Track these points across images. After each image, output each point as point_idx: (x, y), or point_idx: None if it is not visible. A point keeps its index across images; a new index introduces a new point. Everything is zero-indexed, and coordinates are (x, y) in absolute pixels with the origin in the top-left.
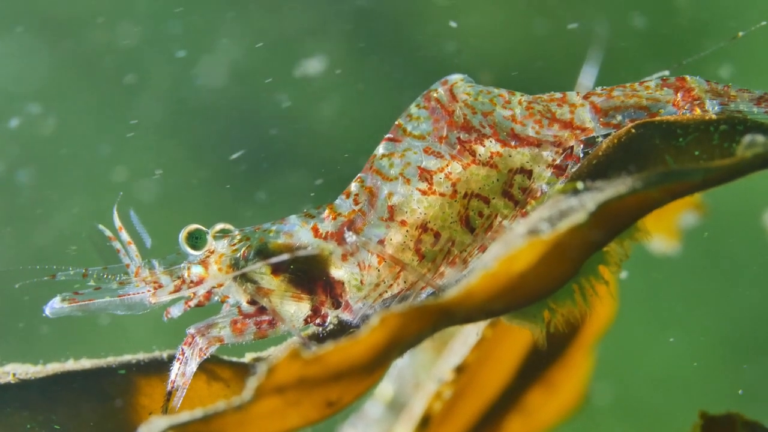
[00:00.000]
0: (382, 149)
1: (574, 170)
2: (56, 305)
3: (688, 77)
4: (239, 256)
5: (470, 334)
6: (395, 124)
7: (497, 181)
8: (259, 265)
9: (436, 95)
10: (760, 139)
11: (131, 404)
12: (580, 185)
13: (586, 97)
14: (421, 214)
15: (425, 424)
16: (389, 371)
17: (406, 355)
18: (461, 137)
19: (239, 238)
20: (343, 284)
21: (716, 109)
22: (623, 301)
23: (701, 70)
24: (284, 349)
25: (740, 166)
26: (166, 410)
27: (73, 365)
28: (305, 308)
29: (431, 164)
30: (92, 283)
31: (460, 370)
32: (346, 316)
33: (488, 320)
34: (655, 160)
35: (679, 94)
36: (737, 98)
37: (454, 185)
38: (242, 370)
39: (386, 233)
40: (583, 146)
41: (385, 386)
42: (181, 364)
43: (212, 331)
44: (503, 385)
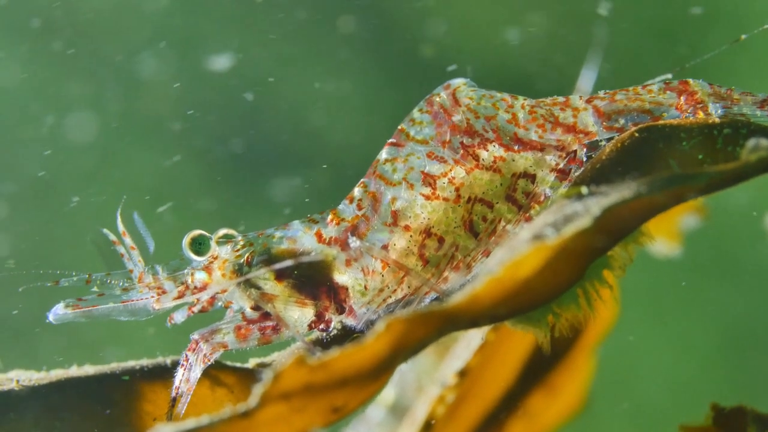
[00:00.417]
0: (385, 154)
1: (577, 174)
2: (60, 311)
3: (691, 80)
4: (243, 261)
5: (473, 338)
6: (398, 128)
7: (501, 185)
8: (262, 271)
9: (438, 99)
10: (764, 142)
11: (135, 411)
12: (584, 190)
13: (588, 100)
14: (424, 219)
15: (428, 428)
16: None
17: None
18: (464, 142)
19: (242, 243)
20: (347, 289)
21: (719, 112)
22: (625, 303)
23: (703, 72)
24: (289, 354)
25: (744, 170)
26: (171, 417)
27: (76, 372)
28: (309, 314)
29: (434, 169)
30: (95, 289)
31: (462, 374)
32: (350, 321)
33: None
34: (658, 164)
35: (682, 97)
36: (740, 101)
37: (457, 190)
38: (246, 375)
39: (390, 238)
40: (586, 150)
41: (386, 390)
42: (185, 370)
43: (216, 337)
44: (505, 388)
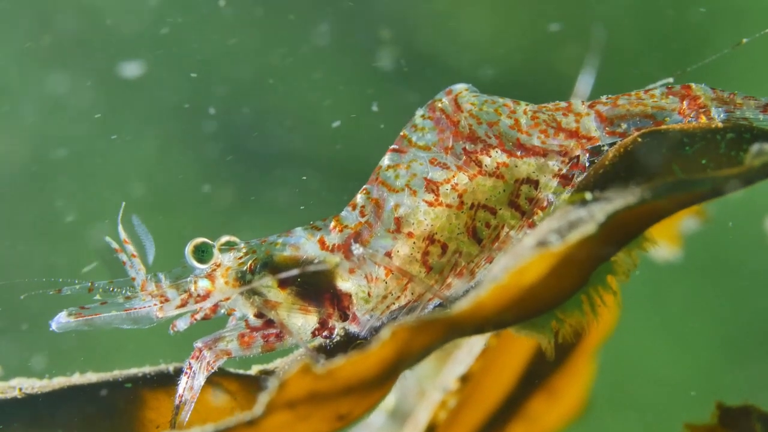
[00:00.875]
0: (387, 160)
1: (580, 180)
2: (62, 320)
3: (693, 85)
4: (246, 269)
5: (475, 343)
6: (400, 134)
7: (504, 191)
8: (267, 279)
9: (440, 105)
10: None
11: (138, 418)
12: (588, 196)
13: (591, 105)
14: (428, 225)
15: None
16: None
17: None
18: (467, 148)
19: (245, 250)
20: (350, 296)
21: (722, 116)
22: (625, 306)
23: (704, 76)
24: (292, 362)
25: (749, 175)
26: (174, 425)
27: (78, 379)
28: (313, 321)
29: (437, 175)
30: (98, 297)
31: (465, 379)
32: (353, 328)
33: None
34: (662, 169)
35: (684, 102)
36: (743, 106)
37: (460, 196)
38: (249, 382)
39: (393, 245)
40: (588, 155)
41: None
42: (188, 378)
43: (220, 344)
44: (506, 392)
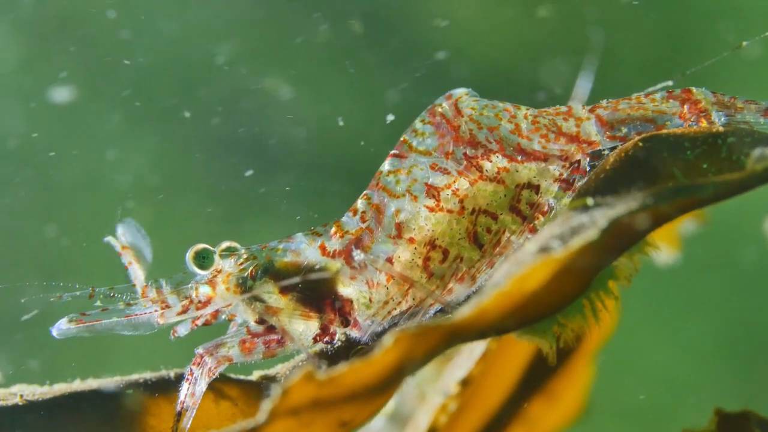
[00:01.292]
0: (387, 165)
1: (581, 184)
2: (63, 326)
3: (693, 89)
4: (246, 275)
5: (476, 347)
6: (400, 139)
7: (505, 196)
8: (268, 285)
9: (440, 110)
10: None
11: (139, 425)
12: (590, 201)
13: (591, 110)
14: (429, 231)
15: None
16: None
17: None
18: (467, 153)
19: (246, 256)
20: (351, 302)
21: (722, 120)
22: (624, 309)
23: (705, 80)
24: (294, 367)
25: (750, 179)
26: (176, 431)
27: (79, 385)
28: (314, 327)
29: (438, 180)
30: (99, 303)
31: (465, 383)
32: (354, 333)
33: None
34: (663, 173)
35: (685, 106)
36: (744, 110)
37: (461, 201)
38: (250, 388)
39: (394, 251)
40: (589, 160)
41: None
42: (190, 384)
43: (221, 350)
44: (506, 396)
